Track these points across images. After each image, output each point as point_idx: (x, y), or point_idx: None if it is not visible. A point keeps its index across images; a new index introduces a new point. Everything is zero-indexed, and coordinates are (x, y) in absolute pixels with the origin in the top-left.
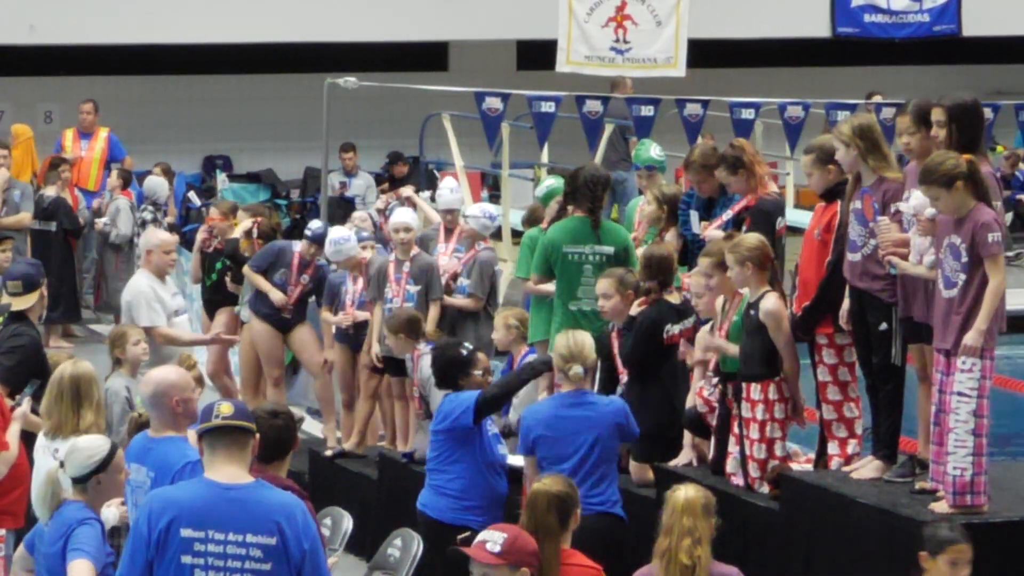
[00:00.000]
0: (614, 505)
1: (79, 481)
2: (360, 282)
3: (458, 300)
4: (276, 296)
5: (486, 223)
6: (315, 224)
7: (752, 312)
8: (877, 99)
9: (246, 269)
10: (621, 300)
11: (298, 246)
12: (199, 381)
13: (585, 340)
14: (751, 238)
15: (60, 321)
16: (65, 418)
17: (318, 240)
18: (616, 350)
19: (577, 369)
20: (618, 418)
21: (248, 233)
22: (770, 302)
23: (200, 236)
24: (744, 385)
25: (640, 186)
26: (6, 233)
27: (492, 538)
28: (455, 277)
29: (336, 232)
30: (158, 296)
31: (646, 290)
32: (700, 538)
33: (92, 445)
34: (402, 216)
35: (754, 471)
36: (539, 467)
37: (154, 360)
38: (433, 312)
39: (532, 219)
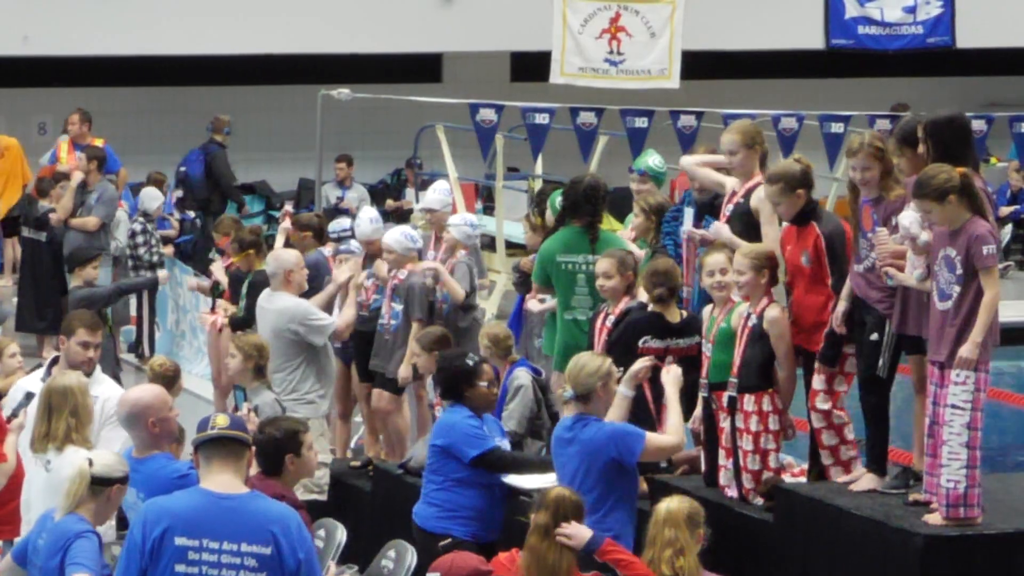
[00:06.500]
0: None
1: (104, 483)
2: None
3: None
4: None
5: (467, 231)
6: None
7: (754, 321)
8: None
9: None
10: (621, 280)
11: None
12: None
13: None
14: (765, 247)
15: (50, 331)
16: (43, 430)
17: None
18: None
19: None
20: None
21: None
22: (775, 311)
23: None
24: (738, 396)
25: (634, 192)
26: (94, 252)
27: None
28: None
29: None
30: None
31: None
32: (682, 548)
33: (119, 458)
34: (387, 236)
35: (748, 482)
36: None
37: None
38: (414, 328)
39: None
